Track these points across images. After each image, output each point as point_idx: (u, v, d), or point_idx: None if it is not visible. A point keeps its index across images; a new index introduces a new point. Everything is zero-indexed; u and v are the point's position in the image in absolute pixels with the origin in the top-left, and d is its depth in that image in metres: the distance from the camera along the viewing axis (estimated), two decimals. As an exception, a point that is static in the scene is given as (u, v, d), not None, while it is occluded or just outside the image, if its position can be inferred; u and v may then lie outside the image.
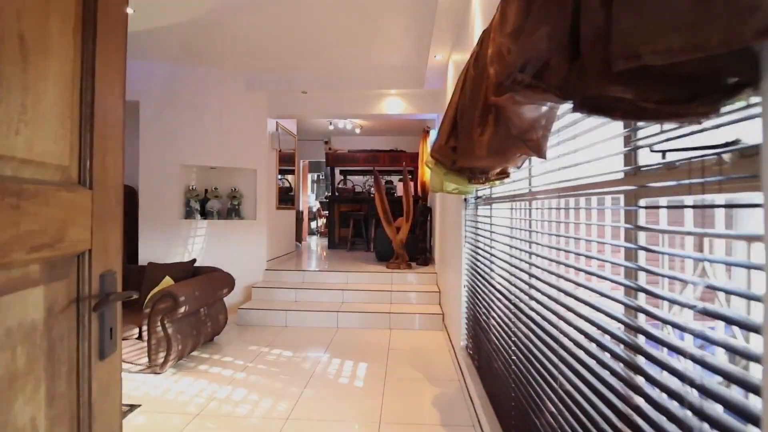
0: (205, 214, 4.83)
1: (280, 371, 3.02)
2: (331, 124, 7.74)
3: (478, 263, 2.49)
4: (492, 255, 2.19)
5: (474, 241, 2.65)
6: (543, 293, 1.39)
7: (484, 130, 1.25)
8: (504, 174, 1.58)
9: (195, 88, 4.62)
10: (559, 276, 1.30)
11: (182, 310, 2.98)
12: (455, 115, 1.56)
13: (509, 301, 1.75)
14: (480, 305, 2.38)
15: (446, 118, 1.62)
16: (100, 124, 0.66)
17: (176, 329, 3.04)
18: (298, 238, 8.19)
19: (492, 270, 2.13)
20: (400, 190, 7.43)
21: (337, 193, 7.78)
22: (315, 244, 8.95)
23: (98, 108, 0.64)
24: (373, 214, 6.85)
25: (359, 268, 5.08)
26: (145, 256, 4.54)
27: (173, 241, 4.59)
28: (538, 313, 1.42)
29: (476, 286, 2.51)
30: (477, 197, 2.59)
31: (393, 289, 4.46)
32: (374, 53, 4.13)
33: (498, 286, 1.95)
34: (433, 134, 5.30)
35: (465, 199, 2.79)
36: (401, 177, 8.60)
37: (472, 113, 1.32)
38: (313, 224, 11.59)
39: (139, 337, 2.98)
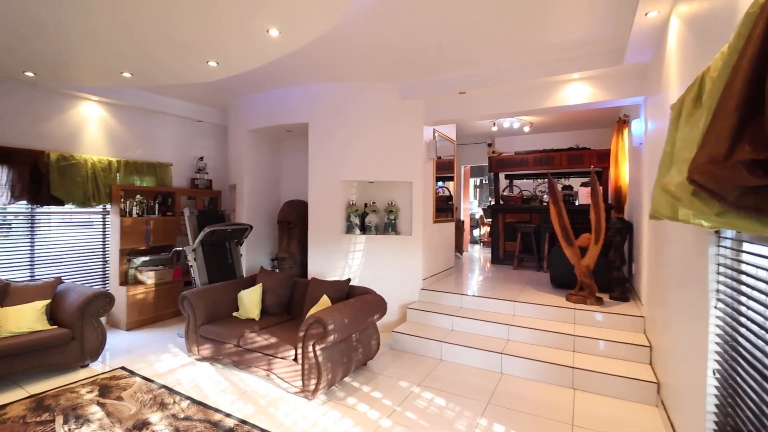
0: (364, 229, 4.82)
1: (430, 428, 2.54)
2: (494, 124, 6.95)
3: (748, 346, 1.44)
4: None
5: (734, 302, 1.58)
6: None
7: None
8: None
9: (354, 104, 4.65)
10: None
11: (331, 338, 2.85)
12: (749, 91, 0.74)
13: None
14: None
15: (724, 103, 0.80)
16: None
17: (326, 357, 2.93)
18: (459, 248, 7.68)
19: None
20: (582, 197, 6.05)
21: (501, 202, 6.91)
22: (477, 255, 8.26)
23: None
24: (547, 227, 5.74)
25: (530, 297, 4.19)
26: (312, 269, 4.81)
27: (335, 255, 4.72)
28: None
29: (744, 385, 1.46)
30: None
31: (577, 333, 3.44)
32: (546, 31, 3.25)
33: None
34: (636, 125, 3.96)
35: (716, 230, 1.71)
36: (585, 181, 7.07)
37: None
38: (476, 232, 10.87)
39: (295, 359, 2.99)
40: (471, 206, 11.47)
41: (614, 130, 5.39)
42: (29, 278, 4.22)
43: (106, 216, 4.94)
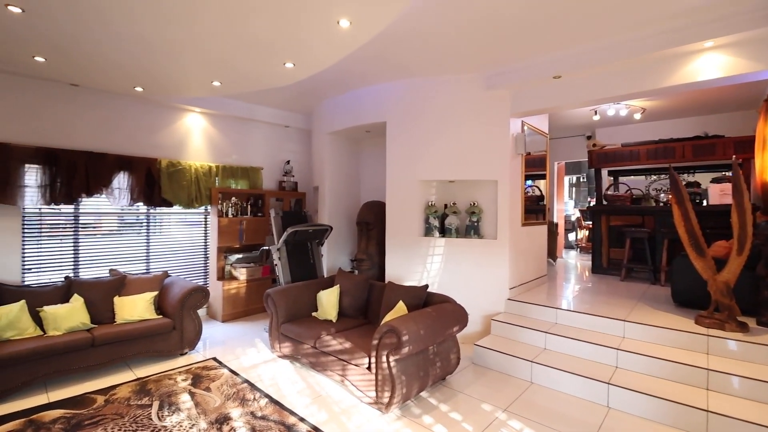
0: (443, 232, 4.54)
1: (517, 464, 2.19)
2: (596, 113, 6.10)
3: None
4: None
5: None
6: None
7: None
8: None
9: (433, 99, 4.40)
10: None
11: (405, 350, 2.65)
12: None
13: None
14: None
15: None
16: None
17: (401, 369, 2.74)
18: (552, 254, 6.92)
19: None
20: (714, 196, 4.97)
21: (605, 202, 6.03)
22: (573, 262, 7.38)
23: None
24: (666, 232, 4.83)
25: (644, 316, 3.49)
26: (390, 272, 4.68)
27: (413, 259, 4.52)
28: None
29: None
30: None
31: (711, 366, 2.73)
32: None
33: None
34: (800, 101, 3.05)
35: None
36: (716, 177, 5.85)
37: None
38: (572, 236, 9.78)
39: (369, 368, 2.85)
40: (566, 207, 10.39)
41: (760, 112, 4.30)
42: (144, 271, 4.79)
43: (207, 216, 5.42)
